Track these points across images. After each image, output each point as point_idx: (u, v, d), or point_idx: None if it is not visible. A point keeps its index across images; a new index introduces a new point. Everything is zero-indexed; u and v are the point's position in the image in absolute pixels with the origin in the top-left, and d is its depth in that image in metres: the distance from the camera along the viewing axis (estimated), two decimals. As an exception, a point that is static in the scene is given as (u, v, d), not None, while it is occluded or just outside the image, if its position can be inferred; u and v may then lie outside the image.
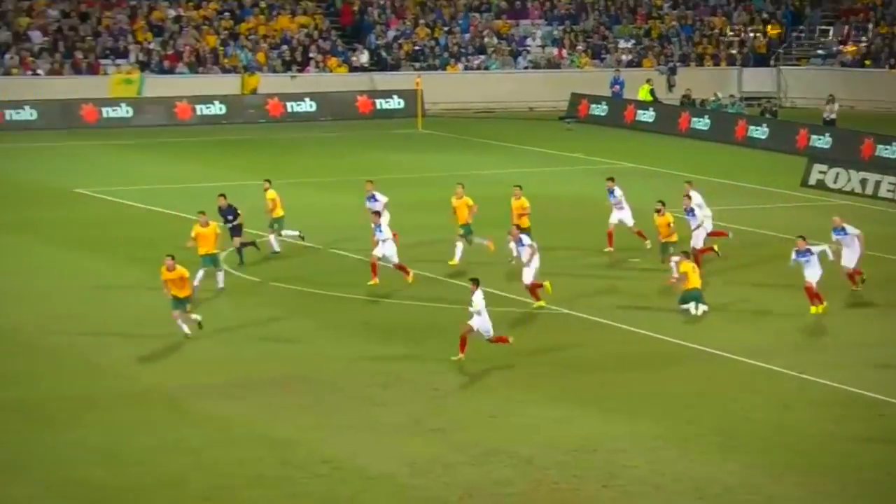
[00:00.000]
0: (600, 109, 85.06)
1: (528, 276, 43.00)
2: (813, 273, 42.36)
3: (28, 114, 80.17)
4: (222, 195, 48.11)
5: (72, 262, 48.51)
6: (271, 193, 49.76)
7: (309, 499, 29.77)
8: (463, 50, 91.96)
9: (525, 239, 43.52)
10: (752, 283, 46.69)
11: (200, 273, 43.76)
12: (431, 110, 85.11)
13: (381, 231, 45.27)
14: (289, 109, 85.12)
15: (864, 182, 63.12)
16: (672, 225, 47.00)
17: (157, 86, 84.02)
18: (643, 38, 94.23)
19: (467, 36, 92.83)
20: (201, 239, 43.91)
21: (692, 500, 29.57)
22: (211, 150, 74.00)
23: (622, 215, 50.13)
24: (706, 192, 51.13)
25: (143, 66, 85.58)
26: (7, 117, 79.42)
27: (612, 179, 50.93)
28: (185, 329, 39.19)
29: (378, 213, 46.54)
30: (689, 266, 42.74)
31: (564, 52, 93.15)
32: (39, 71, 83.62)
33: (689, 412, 34.83)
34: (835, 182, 63.94)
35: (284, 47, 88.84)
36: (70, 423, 33.71)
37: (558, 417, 34.32)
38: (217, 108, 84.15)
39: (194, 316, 39.48)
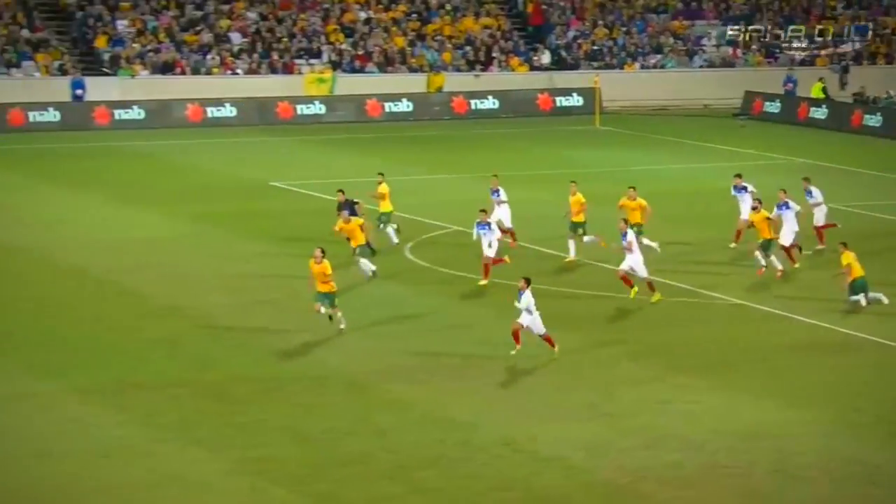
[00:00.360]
0: (773, 107, 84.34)
1: (625, 265, 42.39)
2: None
3: (228, 111, 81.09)
4: (341, 191, 48.07)
5: (264, 252, 48.90)
6: (384, 187, 49.74)
7: (486, 479, 29.74)
8: (640, 49, 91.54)
9: (629, 234, 42.73)
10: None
11: (363, 262, 44.19)
12: (609, 108, 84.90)
13: (486, 227, 44.60)
14: (473, 107, 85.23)
15: None
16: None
17: (348, 84, 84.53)
18: (816, 38, 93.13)
19: (644, 36, 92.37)
20: (348, 232, 44.28)
21: (863, 485, 29.15)
22: (398, 146, 74.25)
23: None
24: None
25: (335, 65, 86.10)
26: (208, 114, 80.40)
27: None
28: (322, 311, 38.85)
29: (485, 211, 45.64)
30: (850, 257, 41.90)
31: (739, 51, 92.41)
32: (238, 70, 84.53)
33: (857, 400, 34.36)
34: None
35: (468, 48, 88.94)
36: (260, 404, 34.03)
37: (728, 404, 34.05)
38: (405, 106, 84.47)
39: (337, 313, 39.02)
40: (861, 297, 41.66)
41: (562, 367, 36.91)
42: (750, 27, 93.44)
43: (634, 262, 42.28)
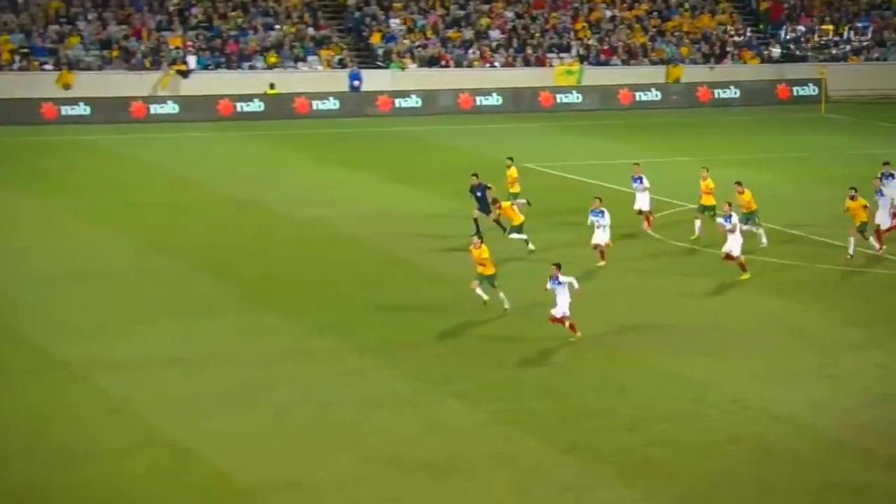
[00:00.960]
0: None
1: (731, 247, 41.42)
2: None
3: (494, 100, 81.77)
4: (475, 175, 47.48)
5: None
6: (512, 171, 49.39)
7: (718, 433, 29.64)
8: (865, 43, 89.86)
9: (732, 217, 41.48)
10: None
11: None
12: (834, 97, 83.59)
13: (600, 214, 43.09)
14: (716, 96, 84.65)
15: None
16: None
17: (595, 76, 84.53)
18: None
19: (870, 31, 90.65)
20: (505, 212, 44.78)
21: None
22: (644, 132, 73.97)
23: None
24: None
25: (583, 59, 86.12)
26: (477, 103, 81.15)
27: None
28: (482, 295, 38.24)
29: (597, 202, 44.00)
30: None
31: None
32: (496, 63, 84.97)
33: None
34: None
35: (703, 42, 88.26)
36: (517, 362, 34.33)
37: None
38: (653, 95, 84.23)
39: (499, 294, 38.34)
40: None
41: (787, 332, 36.64)
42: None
43: (734, 244, 41.41)
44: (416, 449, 28.76)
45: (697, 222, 46.60)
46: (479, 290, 38.17)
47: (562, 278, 35.28)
